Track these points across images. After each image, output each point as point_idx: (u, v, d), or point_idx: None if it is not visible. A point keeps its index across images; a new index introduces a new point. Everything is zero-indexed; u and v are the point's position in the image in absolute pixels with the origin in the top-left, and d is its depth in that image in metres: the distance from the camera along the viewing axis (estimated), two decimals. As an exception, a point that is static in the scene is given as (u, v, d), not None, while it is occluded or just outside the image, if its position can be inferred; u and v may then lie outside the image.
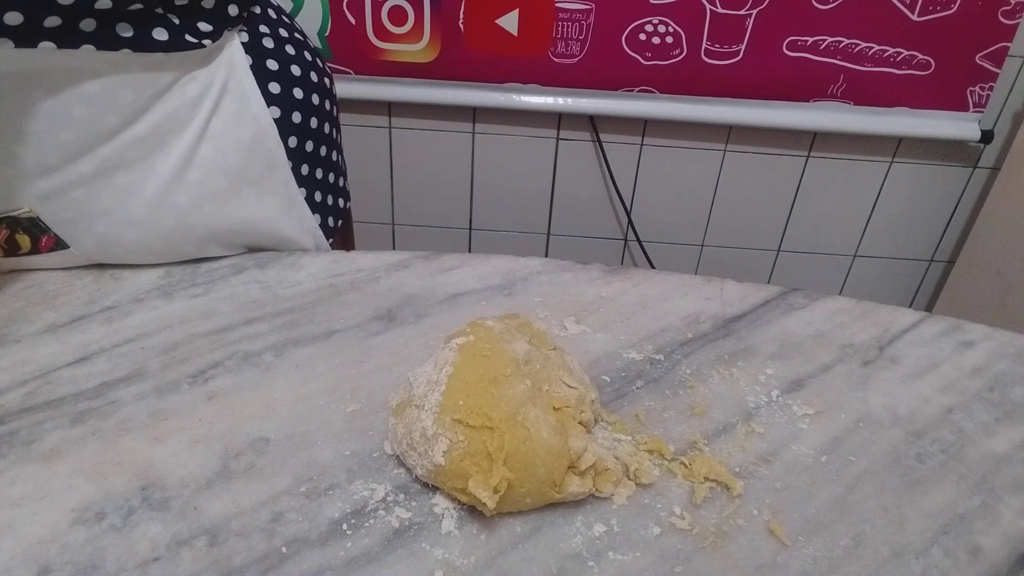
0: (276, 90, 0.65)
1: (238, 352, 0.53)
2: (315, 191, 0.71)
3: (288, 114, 0.66)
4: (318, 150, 0.71)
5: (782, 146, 1.41)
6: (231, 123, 0.61)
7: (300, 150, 0.68)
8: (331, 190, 0.74)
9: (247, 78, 0.62)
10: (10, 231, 0.58)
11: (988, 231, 1.36)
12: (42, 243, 0.59)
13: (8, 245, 0.59)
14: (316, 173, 0.71)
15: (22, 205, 0.57)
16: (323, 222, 0.73)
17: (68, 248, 0.60)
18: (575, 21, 1.28)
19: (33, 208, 0.57)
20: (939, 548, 0.42)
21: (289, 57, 0.67)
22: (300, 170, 0.68)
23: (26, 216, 0.57)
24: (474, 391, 0.42)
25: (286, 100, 0.66)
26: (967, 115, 1.32)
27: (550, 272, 0.63)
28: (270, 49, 0.65)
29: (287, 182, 0.67)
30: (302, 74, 0.68)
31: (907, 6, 1.22)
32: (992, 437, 0.49)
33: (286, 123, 0.66)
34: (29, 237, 0.59)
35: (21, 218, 0.58)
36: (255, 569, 0.39)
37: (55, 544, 0.40)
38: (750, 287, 0.62)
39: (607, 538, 0.41)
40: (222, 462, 0.45)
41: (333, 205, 0.75)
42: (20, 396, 0.49)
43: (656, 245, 1.53)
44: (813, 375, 0.53)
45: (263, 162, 0.64)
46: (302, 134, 0.68)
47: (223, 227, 0.64)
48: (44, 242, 0.59)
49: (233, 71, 0.61)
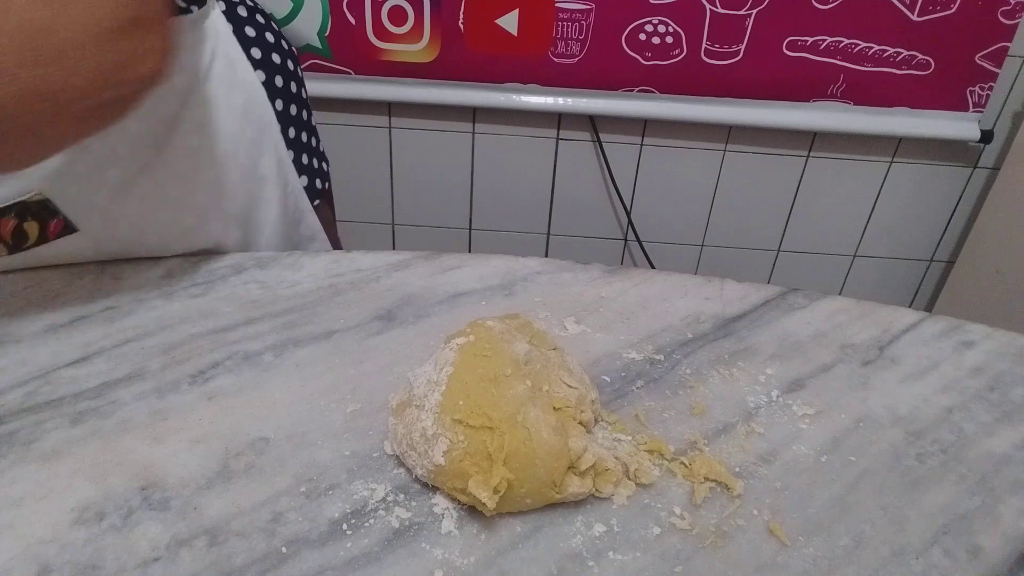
0: (258, 55, 0.65)
1: (238, 352, 0.53)
2: (301, 154, 0.72)
3: (271, 78, 0.66)
4: (300, 113, 0.71)
5: (782, 146, 1.41)
6: (223, 89, 0.62)
7: (286, 113, 0.68)
8: (314, 153, 0.75)
9: (232, 44, 0.63)
10: (19, 219, 0.57)
11: (988, 231, 1.36)
12: (51, 228, 0.59)
13: (15, 238, 0.58)
14: (301, 136, 0.72)
15: (32, 188, 0.56)
16: (310, 184, 0.73)
17: (76, 232, 0.59)
18: (575, 21, 1.28)
19: (43, 190, 0.57)
20: (939, 548, 0.42)
21: (261, 25, 0.68)
22: (288, 133, 0.69)
23: (37, 199, 0.57)
24: (474, 391, 0.42)
25: (268, 65, 0.66)
26: (967, 115, 1.32)
27: (550, 272, 0.63)
28: (244, 17, 0.66)
29: (277, 144, 0.68)
30: (275, 40, 0.69)
31: (907, 6, 1.22)
32: (992, 437, 0.49)
33: (271, 87, 0.67)
34: (38, 223, 0.58)
35: (31, 202, 0.57)
36: (255, 569, 0.39)
37: (55, 544, 0.40)
38: (750, 287, 0.62)
39: (607, 538, 0.41)
40: (222, 462, 0.45)
41: (319, 168, 0.76)
42: (20, 396, 0.49)
43: (656, 245, 1.53)
44: (813, 375, 0.53)
45: (255, 127, 0.65)
46: (286, 98, 0.68)
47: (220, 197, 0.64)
48: (53, 227, 0.58)
49: (219, 38, 0.62)
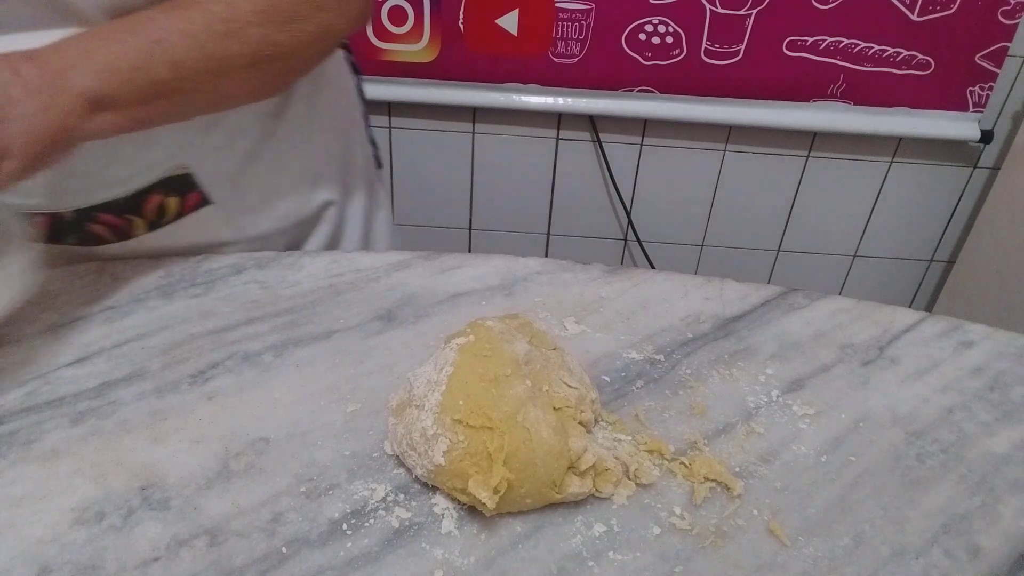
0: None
1: (238, 352, 0.53)
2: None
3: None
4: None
5: (782, 146, 1.41)
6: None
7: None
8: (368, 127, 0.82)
9: None
10: (163, 195, 0.59)
11: (988, 231, 1.36)
12: (188, 202, 0.61)
13: (156, 215, 0.60)
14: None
15: (176, 162, 0.58)
16: (375, 153, 0.80)
17: (210, 205, 0.62)
18: (575, 21, 1.28)
19: (190, 164, 0.59)
20: (939, 548, 0.42)
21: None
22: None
23: (181, 173, 0.59)
24: (474, 391, 0.42)
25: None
26: (967, 115, 1.32)
27: (550, 272, 0.63)
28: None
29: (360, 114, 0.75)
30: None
31: (907, 6, 1.22)
32: (992, 437, 0.49)
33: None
34: (177, 198, 0.60)
35: (175, 177, 0.59)
36: (255, 569, 0.39)
37: (55, 544, 0.40)
38: (750, 287, 0.62)
39: (607, 538, 0.41)
40: (222, 462, 0.45)
41: (372, 140, 0.81)
42: (20, 396, 0.49)
43: (656, 245, 1.53)
44: (813, 375, 0.53)
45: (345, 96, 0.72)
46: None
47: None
48: (190, 201, 0.61)
49: None
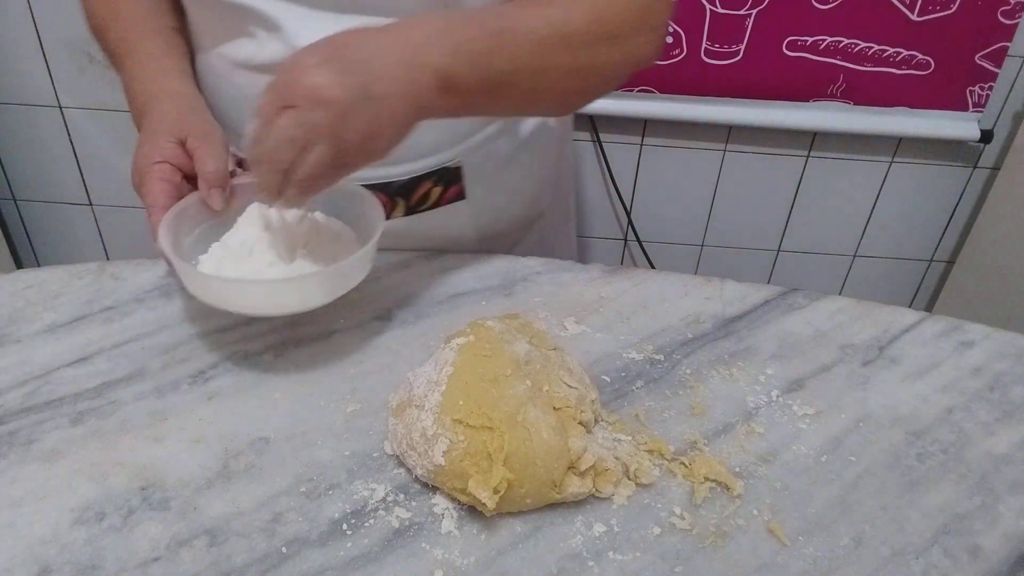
0: None
1: (238, 352, 0.53)
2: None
3: None
4: None
5: (782, 146, 1.41)
6: None
7: None
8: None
9: None
10: (433, 183, 0.62)
11: (988, 231, 1.36)
12: (447, 194, 0.64)
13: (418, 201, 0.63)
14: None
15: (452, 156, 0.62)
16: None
17: (463, 200, 0.65)
18: (575, 21, 1.28)
19: (463, 159, 0.63)
20: (939, 548, 0.42)
21: None
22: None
23: (455, 165, 0.62)
24: (474, 391, 0.42)
25: None
26: (967, 115, 1.32)
27: (550, 272, 0.63)
28: None
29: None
30: None
31: (907, 6, 1.22)
32: (992, 437, 0.49)
33: None
34: (441, 188, 0.63)
35: (450, 168, 0.62)
36: (255, 569, 0.39)
37: (55, 544, 0.40)
38: (750, 287, 0.62)
39: (607, 538, 0.41)
40: (222, 462, 0.45)
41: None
42: (20, 396, 0.49)
43: (656, 245, 1.53)
44: (813, 375, 0.53)
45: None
46: None
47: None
48: (449, 194, 0.64)
49: None
